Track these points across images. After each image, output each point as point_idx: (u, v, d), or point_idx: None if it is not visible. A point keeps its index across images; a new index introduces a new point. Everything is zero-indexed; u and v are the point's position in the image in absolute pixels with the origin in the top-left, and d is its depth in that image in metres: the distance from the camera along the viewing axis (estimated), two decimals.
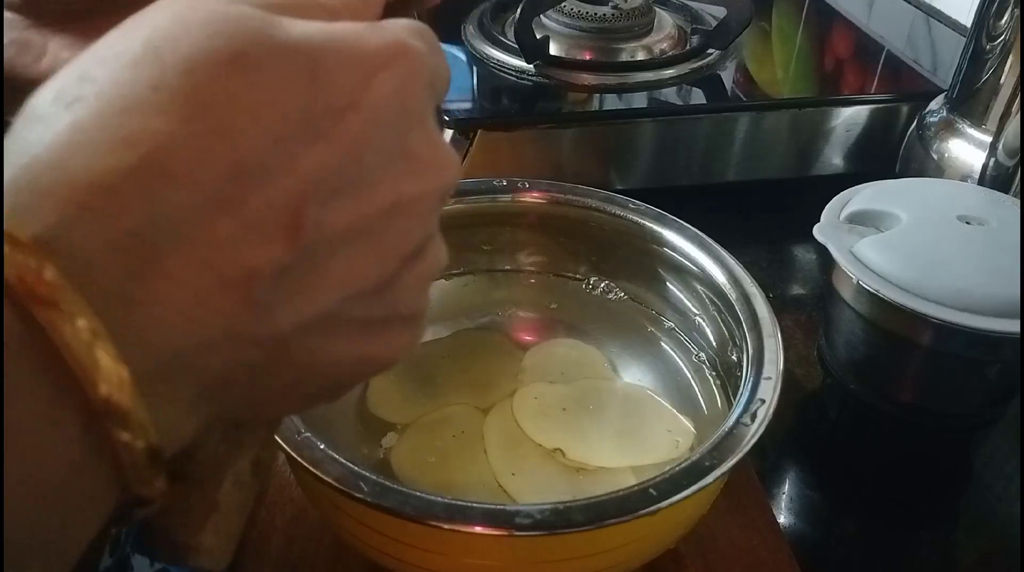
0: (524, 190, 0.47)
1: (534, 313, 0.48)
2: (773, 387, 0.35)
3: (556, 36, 0.68)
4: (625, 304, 0.48)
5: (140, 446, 0.16)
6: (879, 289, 0.43)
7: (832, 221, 0.48)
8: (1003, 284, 0.42)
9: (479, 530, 0.29)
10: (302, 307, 0.18)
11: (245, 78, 0.17)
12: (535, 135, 0.62)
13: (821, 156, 0.66)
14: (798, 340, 0.55)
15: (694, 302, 0.44)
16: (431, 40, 0.22)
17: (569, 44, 0.69)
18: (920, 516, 0.46)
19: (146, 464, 0.16)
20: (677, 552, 0.39)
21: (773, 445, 0.49)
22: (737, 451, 0.32)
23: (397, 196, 0.19)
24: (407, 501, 0.29)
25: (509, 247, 0.49)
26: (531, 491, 0.37)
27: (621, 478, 0.38)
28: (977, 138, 0.57)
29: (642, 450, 0.39)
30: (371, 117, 0.19)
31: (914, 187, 0.52)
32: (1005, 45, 0.54)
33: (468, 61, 0.68)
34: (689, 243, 0.43)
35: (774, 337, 0.37)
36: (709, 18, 0.75)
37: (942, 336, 0.43)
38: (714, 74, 0.68)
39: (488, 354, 0.45)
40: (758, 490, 0.43)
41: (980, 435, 0.50)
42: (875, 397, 0.49)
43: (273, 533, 0.40)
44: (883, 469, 0.49)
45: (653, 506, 0.30)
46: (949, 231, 0.46)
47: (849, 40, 0.76)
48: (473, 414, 0.41)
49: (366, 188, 0.19)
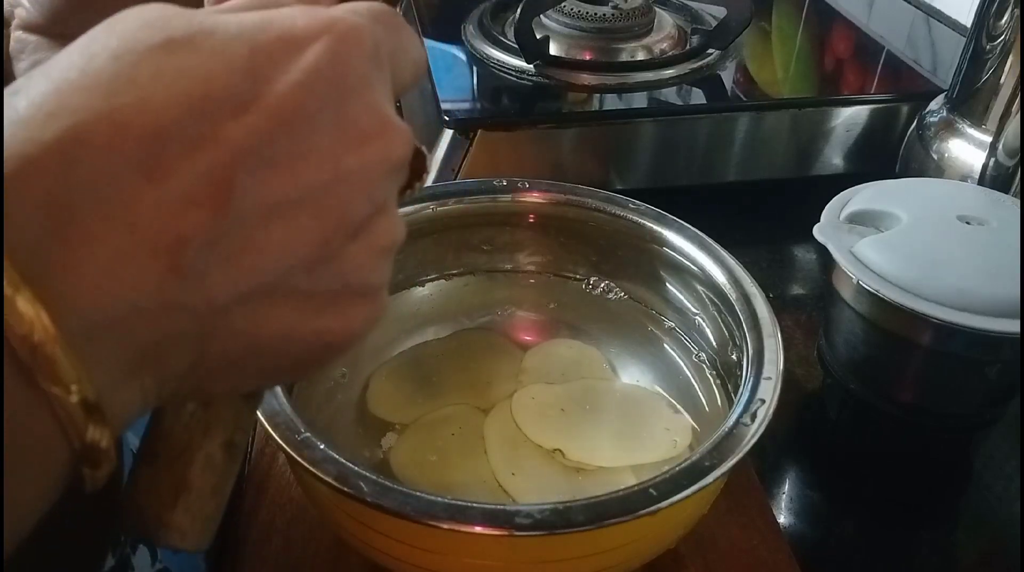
0: (524, 190, 0.47)
1: (534, 313, 0.48)
2: (773, 387, 0.35)
3: (556, 36, 0.68)
4: (625, 304, 0.48)
5: (73, 400, 0.16)
6: (879, 289, 0.43)
7: (832, 221, 0.48)
8: (1003, 284, 0.42)
9: (479, 530, 0.29)
10: (237, 277, 0.18)
11: (173, 58, 0.18)
12: (535, 135, 0.62)
13: (821, 156, 0.66)
14: (798, 340, 0.55)
15: (694, 302, 0.44)
16: (385, 18, 0.22)
17: (569, 44, 0.69)
18: (920, 516, 0.46)
19: (82, 417, 0.17)
20: (677, 552, 0.39)
21: (773, 445, 0.49)
22: (737, 451, 0.32)
23: (335, 166, 0.19)
24: (407, 501, 0.29)
25: (509, 247, 0.49)
26: (531, 491, 0.37)
27: (621, 478, 0.38)
28: (977, 138, 0.57)
29: (641, 449, 0.39)
30: (301, 86, 0.19)
31: (914, 187, 0.52)
32: (1005, 45, 0.54)
33: (468, 61, 0.68)
34: (689, 243, 0.43)
35: (774, 337, 0.37)
36: (709, 18, 0.75)
37: (942, 336, 0.43)
38: (714, 74, 0.68)
39: (488, 354, 0.45)
40: (758, 490, 0.43)
41: (980, 435, 0.50)
42: (875, 397, 0.49)
43: (273, 533, 0.40)
44: (883, 469, 0.49)
45: (653, 506, 0.30)
46: (949, 231, 0.46)
47: (849, 40, 0.76)
48: (473, 414, 0.41)
49: (300, 158, 0.19)
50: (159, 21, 0.18)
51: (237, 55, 0.18)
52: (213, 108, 0.18)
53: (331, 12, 0.20)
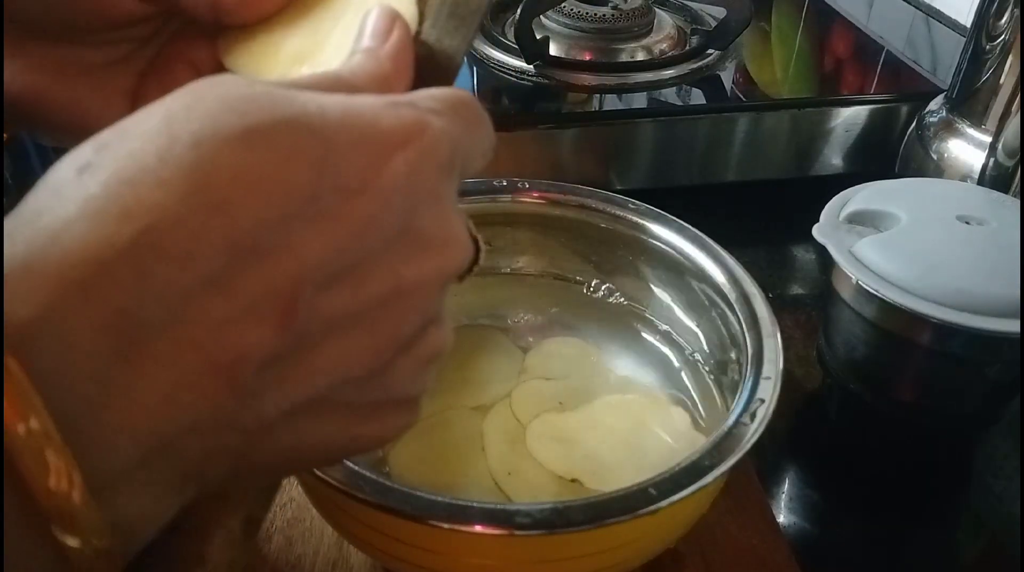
0: (524, 190, 0.47)
1: (534, 313, 0.48)
2: (773, 387, 0.35)
3: (556, 36, 0.68)
4: (624, 304, 0.48)
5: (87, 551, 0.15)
6: (879, 289, 0.43)
7: (832, 221, 0.48)
8: (1003, 284, 0.42)
9: (479, 530, 0.29)
10: (290, 392, 0.18)
11: (252, 154, 0.16)
12: (535, 135, 0.62)
13: (821, 156, 0.67)
14: (798, 340, 0.55)
15: (694, 302, 0.44)
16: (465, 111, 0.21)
17: (569, 44, 0.69)
18: (920, 516, 0.46)
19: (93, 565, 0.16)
20: (677, 552, 0.39)
21: (773, 445, 0.49)
22: (737, 451, 0.32)
23: (397, 281, 0.19)
24: (408, 501, 0.29)
25: (509, 247, 0.49)
26: (529, 491, 0.37)
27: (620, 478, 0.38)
28: (977, 138, 0.57)
29: (652, 466, 0.39)
30: (379, 201, 0.18)
31: (914, 187, 0.52)
32: (1005, 45, 0.54)
33: (468, 61, 0.68)
34: (689, 243, 0.43)
35: (774, 337, 0.37)
36: (709, 18, 0.75)
37: (942, 336, 0.43)
38: (714, 74, 0.68)
39: (488, 353, 0.45)
40: (758, 490, 0.43)
41: (980, 435, 0.50)
42: (875, 397, 0.49)
43: (273, 533, 0.40)
44: (883, 469, 0.49)
45: (653, 506, 0.30)
46: (949, 231, 0.46)
47: (849, 40, 0.76)
48: (472, 414, 0.41)
49: (366, 273, 0.18)
50: (241, 104, 0.17)
51: (314, 154, 0.17)
52: (290, 216, 0.17)
53: (416, 114, 0.19)
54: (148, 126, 0.17)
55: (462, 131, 0.20)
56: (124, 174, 0.16)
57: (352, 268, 0.18)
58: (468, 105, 0.21)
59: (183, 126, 0.16)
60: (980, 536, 0.46)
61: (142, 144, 0.16)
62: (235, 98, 0.17)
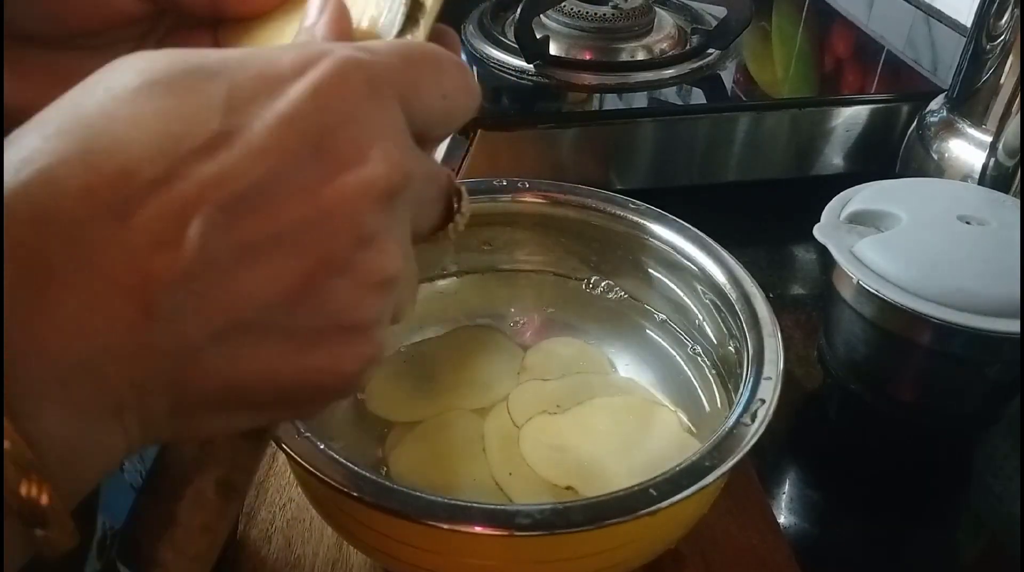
0: (524, 190, 0.47)
1: (534, 313, 0.48)
2: (773, 387, 0.35)
3: (556, 36, 0.68)
4: (625, 303, 0.48)
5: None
6: (879, 289, 0.43)
7: (832, 221, 0.48)
8: (1003, 284, 0.42)
9: (479, 530, 0.29)
10: (212, 315, 0.18)
11: (152, 102, 0.18)
12: (535, 135, 0.62)
13: (821, 156, 0.66)
14: (798, 340, 0.55)
15: (694, 302, 0.44)
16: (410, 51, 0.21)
17: (569, 44, 0.69)
18: (920, 516, 0.46)
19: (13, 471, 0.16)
20: (677, 552, 0.39)
21: (773, 445, 0.49)
22: (737, 451, 0.32)
23: (316, 200, 0.19)
24: (408, 501, 0.29)
25: (509, 247, 0.49)
26: (529, 491, 0.37)
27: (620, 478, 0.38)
28: (977, 138, 0.57)
29: (645, 472, 0.39)
30: (278, 124, 0.18)
31: (914, 187, 0.52)
32: (1005, 45, 0.54)
33: (468, 61, 0.68)
34: (689, 243, 0.43)
35: (774, 337, 0.37)
36: (709, 18, 0.75)
37: (942, 336, 0.43)
38: (714, 74, 0.68)
39: (488, 353, 0.45)
40: (758, 490, 0.43)
41: (980, 435, 0.50)
42: (875, 397, 0.49)
43: (273, 533, 0.40)
44: (883, 469, 0.49)
45: (653, 506, 0.30)
46: (949, 231, 0.46)
47: (849, 40, 0.76)
48: (472, 415, 0.41)
49: (277, 195, 0.18)
50: (145, 64, 0.18)
51: (215, 94, 0.18)
52: (185, 147, 0.18)
53: (320, 48, 0.20)
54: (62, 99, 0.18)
55: (400, 65, 0.21)
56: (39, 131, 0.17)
57: (261, 190, 0.18)
58: (418, 47, 0.22)
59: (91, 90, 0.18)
60: (980, 536, 0.46)
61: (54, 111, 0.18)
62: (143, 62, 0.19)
